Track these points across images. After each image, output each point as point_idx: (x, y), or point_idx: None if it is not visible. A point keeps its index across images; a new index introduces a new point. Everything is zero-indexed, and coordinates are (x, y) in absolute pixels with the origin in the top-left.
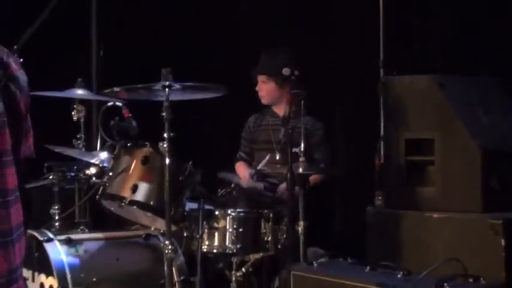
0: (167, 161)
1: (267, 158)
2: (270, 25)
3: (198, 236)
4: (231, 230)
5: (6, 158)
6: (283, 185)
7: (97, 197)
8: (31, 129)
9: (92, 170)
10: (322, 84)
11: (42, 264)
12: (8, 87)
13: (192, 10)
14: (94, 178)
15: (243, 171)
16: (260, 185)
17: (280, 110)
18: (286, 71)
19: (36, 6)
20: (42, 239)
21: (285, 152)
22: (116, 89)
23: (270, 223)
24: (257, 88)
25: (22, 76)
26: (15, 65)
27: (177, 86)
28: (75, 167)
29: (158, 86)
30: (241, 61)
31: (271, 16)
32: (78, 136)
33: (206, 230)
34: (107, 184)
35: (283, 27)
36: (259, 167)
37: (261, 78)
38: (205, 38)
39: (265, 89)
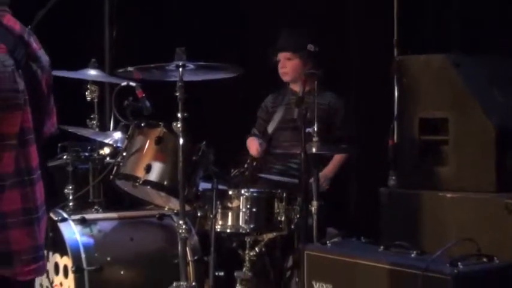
0: (181, 141)
1: (279, 116)
2: (284, 5)
3: (211, 216)
4: (244, 209)
5: (29, 136)
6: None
7: (111, 177)
8: (54, 107)
9: (106, 150)
10: (337, 63)
11: (57, 244)
12: (30, 66)
13: None
14: (108, 158)
15: (250, 143)
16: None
17: (299, 88)
18: (310, 47)
19: None
20: (56, 218)
21: (298, 131)
22: (130, 68)
23: (284, 203)
24: (280, 65)
25: (43, 56)
26: (36, 44)
27: (191, 66)
28: (89, 147)
29: (172, 66)
30: (253, 41)
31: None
32: (92, 116)
33: (220, 210)
34: (121, 164)
35: (296, 8)
36: (271, 128)
37: (285, 55)
38: (219, 18)
39: (291, 65)
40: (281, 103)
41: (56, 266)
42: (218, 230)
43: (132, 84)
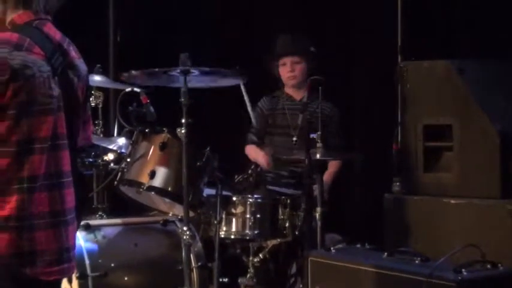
0: (185, 146)
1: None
2: (287, 11)
3: (215, 222)
4: (248, 215)
5: (62, 141)
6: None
7: (115, 182)
8: (90, 120)
9: (110, 156)
10: (341, 69)
11: None
12: (66, 74)
13: None
14: (112, 164)
15: (255, 154)
16: (283, 173)
17: (297, 94)
18: (313, 50)
19: None
20: None
21: (302, 137)
22: (134, 72)
23: (288, 209)
24: (288, 70)
25: (82, 65)
26: (75, 53)
27: (195, 72)
28: (93, 153)
29: (176, 72)
30: (258, 47)
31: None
32: (96, 122)
33: (224, 216)
34: (125, 170)
35: (299, 14)
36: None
37: (293, 59)
38: (223, 23)
39: (299, 69)
40: (276, 107)
41: None
42: (222, 236)
43: (137, 90)
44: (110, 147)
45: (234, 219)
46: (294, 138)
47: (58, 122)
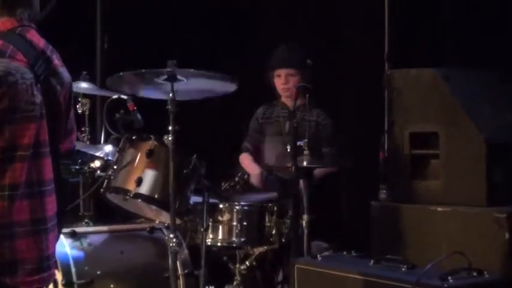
0: (172, 154)
1: None
2: (276, 21)
3: (202, 229)
4: (235, 223)
5: (44, 149)
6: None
7: (101, 190)
8: (75, 127)
9: (97, 163)
10: (328, 77)
11: None
12: (49, 81)
13: (198, 2)
14: (99, 171)
15: (248, 165)
16: (273, 194)
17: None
18: (309, 62)
19: None
20: None
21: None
22: (121, 73)
23: (274, 216)
24: (282, 82)
25: (65, 73)
26: (58, 61)
27: (183, 79)
28: (80, 160)
29: (163, 77)
30: (246, 56)
31: (277, 11)
32: (82, 129)
33: (210, 223)
34: (112, 177)
35: (288, 22)
36: None
37: (288, 71)
38: (212, 31)
39: (293, 81)
40: (271, 116)
41: None
42: (209, 243)
43: (124, 97)
44: (97, 154)
45: (220, 227)
46: (288, 146)
47: (40, 129)
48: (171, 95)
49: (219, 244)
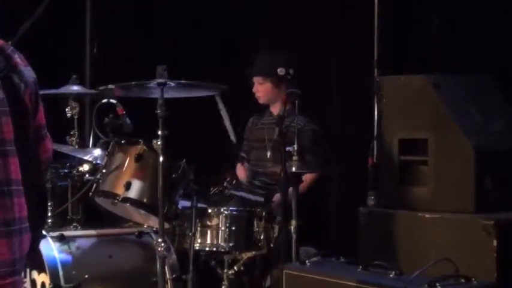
0: (161, 158)
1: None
2: (266, 25)
3: (190, 234)
4: (223, 228)
5: (9, 147)
6: (277, 195)
7: (90, 194)
8: (48, 135)
9: (85, 167)
10: (317, 83)
11: (35, 261)
12: (11, 78)
13: (188, 7)
14: (87, 175)
15: (239, 173)
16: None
17: (277, 109)
18: (281, 71)
19: (31, 3)
20: None
21: (277, 150)
22: (111, 86)
23: (263, 222)
24: (254, 89)
25: (29, 72)
26: (21, 60)
27: (172, 84)
28: (68, 164)
29: (153, 84)
30: (237, 60)
31: (268, 16)
32: (71, 133)
33: (199, 228)
34: (100, 181)
35: (279, 28)
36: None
37: (257, 79)
38: (203, 36)
39: (262, 89)
40: (257, 123)
41: (34, 283)
42: (197, 248)
43: (113, 101)
44: (86, 158)
45: (209, 232)
46: (268, 152)
47: (4, 127)
48: (160, 100)
49: (207, 249)
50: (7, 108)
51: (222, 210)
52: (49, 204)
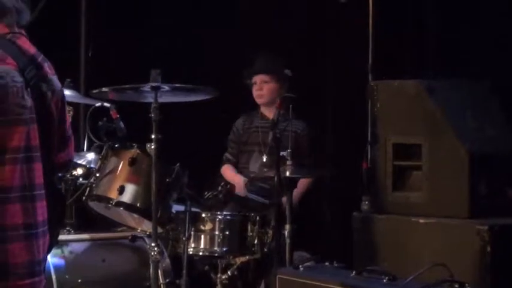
0: (154, 162)
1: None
2: (261, 30)
3: (184, 239)
4: (217, 232)
5: (35, 153)
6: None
7: (83, 197)
8: (72, 137)
9: (79, 171)
10: (312, 87)
11: None
12: (40, 87)
13: (183, 11)
14: (81, 179)
15: (232, 176)
16: (253, 196)
17: (270, 112)
18: (288, 72)
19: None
20: None
21: (272, 155)
22: (105, 89)
23: (257, 226)
24: (256, 88)
25: (56, 81)
26: (49, 69)
27: (165, 87)
28: None
29: (147, 88)
30: (230, 63)
31: (263, 21)
32: None
33: (192, 233)
34: (94, 185)
35: (274, 32)
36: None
37: (262, 78)
38: (196, 40)
39: (267, 88)
40: (250, 126)
41: None
42: (190, 252)
43: (107, 105)
44: (79, 162)
45: (202, 236)
46: (264, 157)
47: (31, 133)
48: (154, 104)
49: (200, 253)
50: (34, 115)
51: (216, 214)
52: None
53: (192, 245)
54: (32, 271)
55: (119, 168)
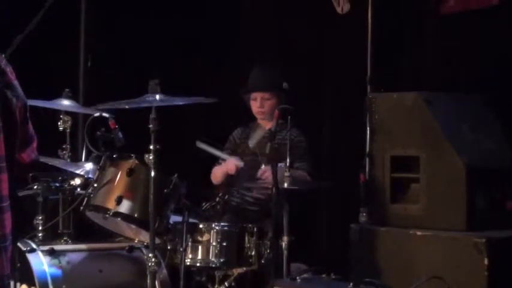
0: (152, 173)
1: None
2: (260, 40)
3: (181, 249)
4: (214, 243)
5: (1, 164)
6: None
7: (81, 208)
8: (34, 136)
9: (77, 181)
10: (310, 99)
11: (25, 275)
12: (5, 94)
13: (181, 22)
14: (79, 189)
15: (222, 165)
16: (241, 164)
17: (268, 124)
18: (286, 86)
19: (25, 15)
20: (25, 249)
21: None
22: (101, 106)
23: (254, 237)
24: (257, 105)
25: (19, 87)
26: (11, 74)
27: (162, 101)
28: (60, 178)
29: (144, 103)
30: (227, 74)
31: (260, 32)
32: (63, 146)
33: (190, 243)
34: (92, 195)
35: (272, 44)
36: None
37: (263, 95)
38: (195, 50)
39: (268, 105)
40: (247, 137)
41: None
42: (188, 263)
43: (105, 115)
44: (77, 172)
45: (200, 247)
46: (262, 167)
47: None
48: (152, 115)
49: (198, 264)
50: (1, 124)
51: (213, 225)
52: (40, 217)
53: (190, 256)
54: (2, 285)
55: (117, 179)
